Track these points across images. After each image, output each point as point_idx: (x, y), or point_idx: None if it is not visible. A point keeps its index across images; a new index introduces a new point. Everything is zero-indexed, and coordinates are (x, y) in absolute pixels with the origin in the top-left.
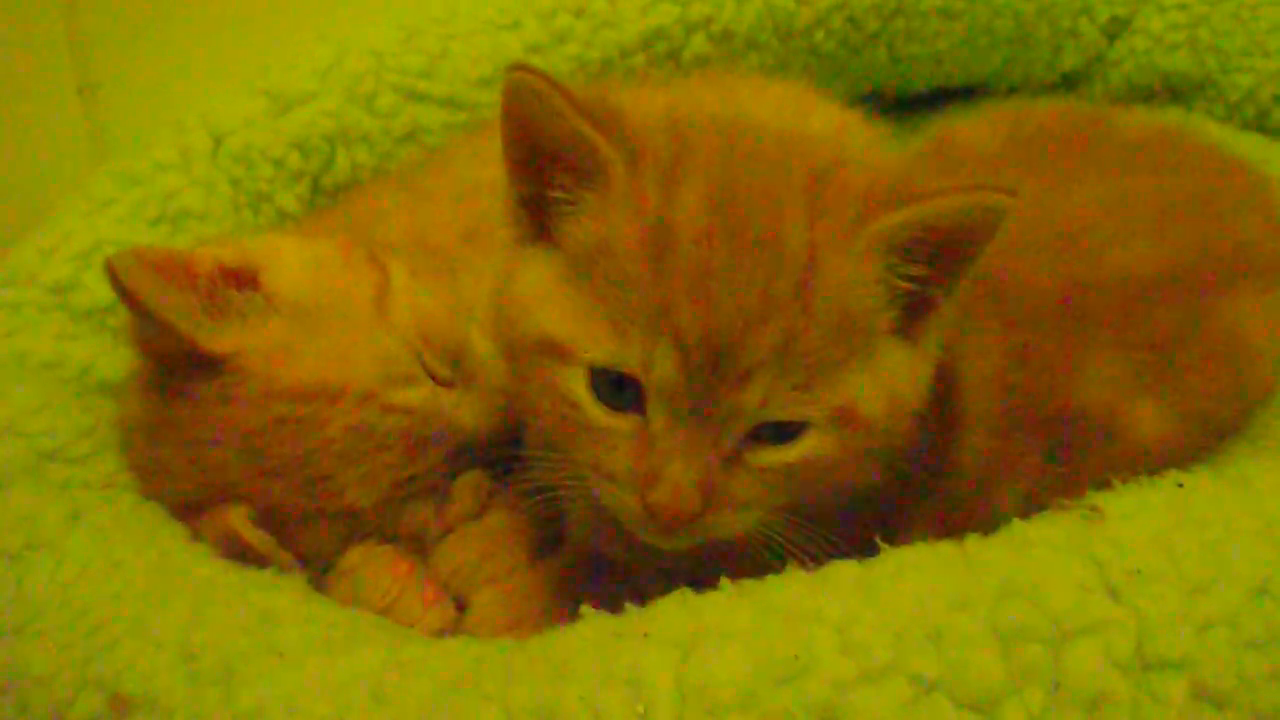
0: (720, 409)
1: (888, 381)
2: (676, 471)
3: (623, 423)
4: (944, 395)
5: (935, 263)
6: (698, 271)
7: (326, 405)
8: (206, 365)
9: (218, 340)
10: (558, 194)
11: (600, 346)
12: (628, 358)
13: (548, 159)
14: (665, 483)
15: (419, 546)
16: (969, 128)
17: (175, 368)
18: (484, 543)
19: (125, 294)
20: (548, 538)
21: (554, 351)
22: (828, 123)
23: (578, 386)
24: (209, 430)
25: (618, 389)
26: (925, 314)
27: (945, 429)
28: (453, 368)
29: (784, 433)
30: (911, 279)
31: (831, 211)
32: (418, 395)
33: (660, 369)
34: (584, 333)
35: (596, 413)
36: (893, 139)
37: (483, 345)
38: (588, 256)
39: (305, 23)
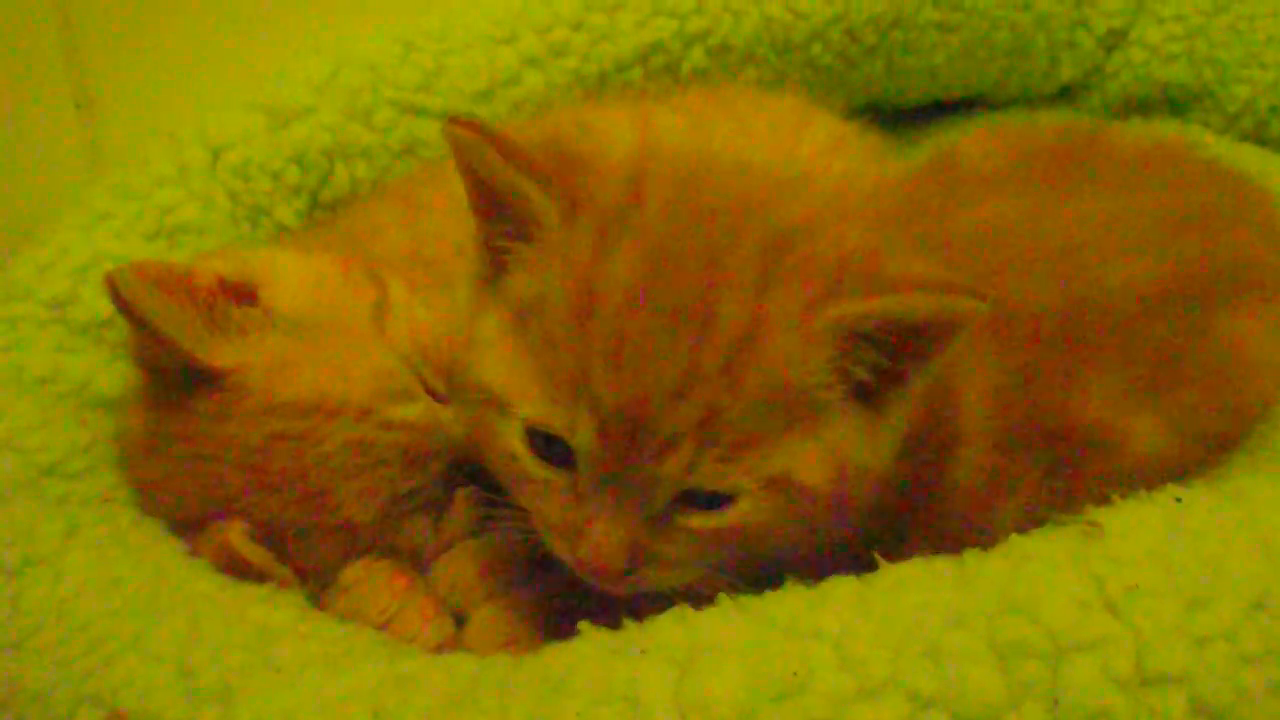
0: (641, 476)
1: (837, 450)
2: (600, 531)
3: (557, 477)
4: (941, 412)
5: (896, 352)
6: (617, 339)
7: (325, 420)
8: (205, 380)
9: (217, 355)
10: (500, 243)
11: (531, 405)
12: (554, 420)
13: (496, 208)
14: (589, 541)
15: (417, 562)
16: (971, 146)
17: (174, 382)
18: (482, 558)
19: (125, 308)
20: (546, 553)
21: (493, 402)
22: (827, 135)
23: (514, 440)
24: (207, 445)
25: (552, 444)
26: (891, 385)
27: (943, 446)
28: (450, 382)
29: (715, 498)
30: (867, 364)
31: (787, 285)
32: (415, 410)
33: (581, 435)
34: (518, 388)
35: (532, 465)
36: (891, 150)
37: None
38: (526, 310)
39: (302, 37)
